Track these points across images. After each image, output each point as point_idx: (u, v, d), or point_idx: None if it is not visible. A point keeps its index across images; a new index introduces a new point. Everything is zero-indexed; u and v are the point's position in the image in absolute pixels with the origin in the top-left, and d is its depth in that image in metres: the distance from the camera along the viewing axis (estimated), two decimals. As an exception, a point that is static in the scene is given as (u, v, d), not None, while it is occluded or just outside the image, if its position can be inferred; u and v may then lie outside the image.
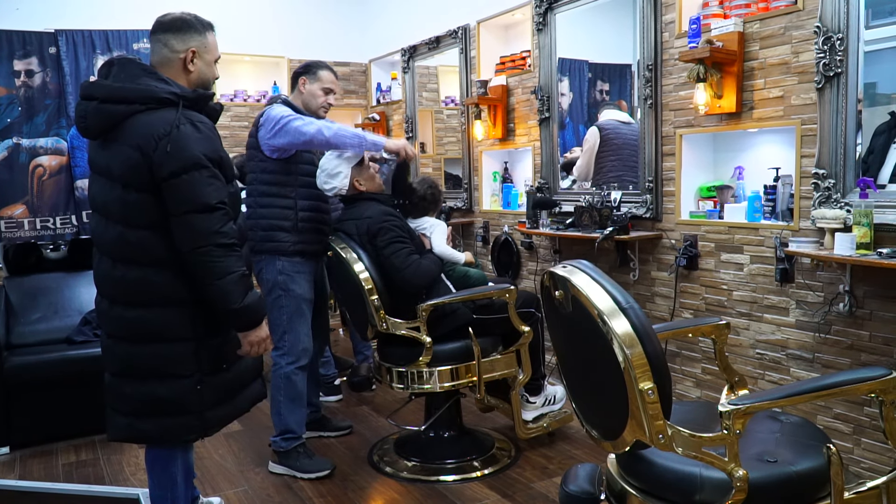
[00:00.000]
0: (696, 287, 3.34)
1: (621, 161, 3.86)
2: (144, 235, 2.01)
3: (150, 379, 2.07)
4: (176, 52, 2.10)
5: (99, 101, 1.98)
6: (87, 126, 2.02)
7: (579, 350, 1.74)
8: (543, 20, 4.10)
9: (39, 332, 3.71)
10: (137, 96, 1.97)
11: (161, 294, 2.04)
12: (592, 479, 1.71)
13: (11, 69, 4.78)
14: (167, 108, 1.99)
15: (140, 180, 1.96)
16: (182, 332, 2.07)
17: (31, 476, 3.15)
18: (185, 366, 2.08)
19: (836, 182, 2.67)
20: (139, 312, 2.05)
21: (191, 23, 2.13)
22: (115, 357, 2.11)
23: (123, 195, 1.99)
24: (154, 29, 2.12)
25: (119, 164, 1.97)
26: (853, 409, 2.72)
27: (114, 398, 2.14)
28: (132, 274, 2.03)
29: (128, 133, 1.96)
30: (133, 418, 2.11)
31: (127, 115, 1.97)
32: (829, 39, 2.61)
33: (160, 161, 1.94)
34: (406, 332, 2.92)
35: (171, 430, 2.12)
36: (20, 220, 4.85)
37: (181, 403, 2.09)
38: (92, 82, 2.04)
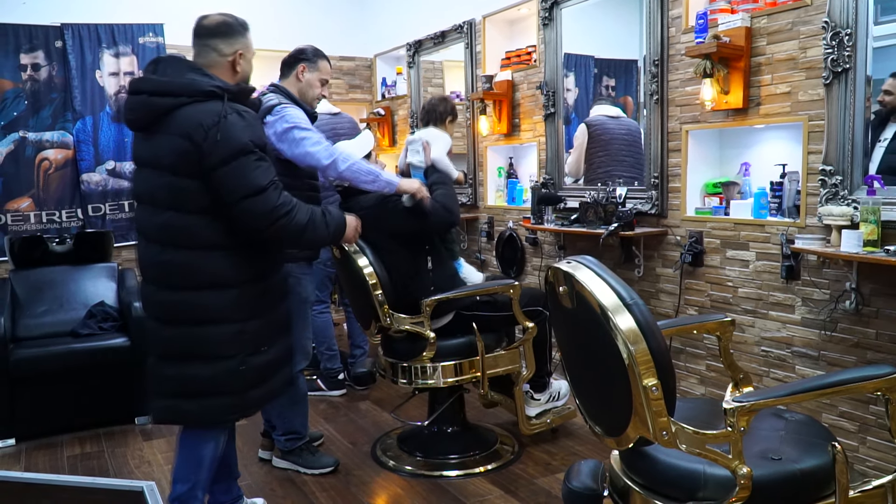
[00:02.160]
0: (701, 284, 3.33)
1: (609, 156, 3.85)
2: (193, 220, 2.11)
3: (194, 360, 2.16)
4: (224, 56, 2.22)
5: (147, 95, 2.08)
6: (135, 119, 2.13)
7: (583, 346, 1.73)
8: (549, 15, 4.09)
9: (45, 324, 3.73)
10: (183, 89, 2.07)
11: (207, 277, 2.14)
12: (596, 476, 1.71)
13: (18, 63, 4.79)
14: (212, 100, 2.09)
15: (189, 168, 2.06)
16: (226, 314, 2.16)
17: (36, 468, 3.17)
18: (228, 347, 2.17)
19: (843, 179, 2.65)
20: (184, 295, 2.14)
21: (234, 26, 2.25)
22: (160, 340, 2.21)
23: (172, 182, 2.08)
24: (200, 33, 2.23)
25: (169, 153, 2.07)
26: (859, 407, 2.71)
27: (156, 380, 2.23)
28: (179, 258, 2.12)
29: (176, 124, 2.06)
30: (176, 399, 2.19)
31: (174, 107, 2.06)
32: (838, 35, 2.59)
33: (210, 150, 2.04)
34: (410, 327, 2.92)
35: (212, 411, 2.20)
36: (26, 214, 4.87)
37: (224, 384, 2.18)
38: (140, 78, 2.17)
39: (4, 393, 3.36)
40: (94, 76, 4.99)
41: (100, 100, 5.02)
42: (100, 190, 5.06)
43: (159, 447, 3.38)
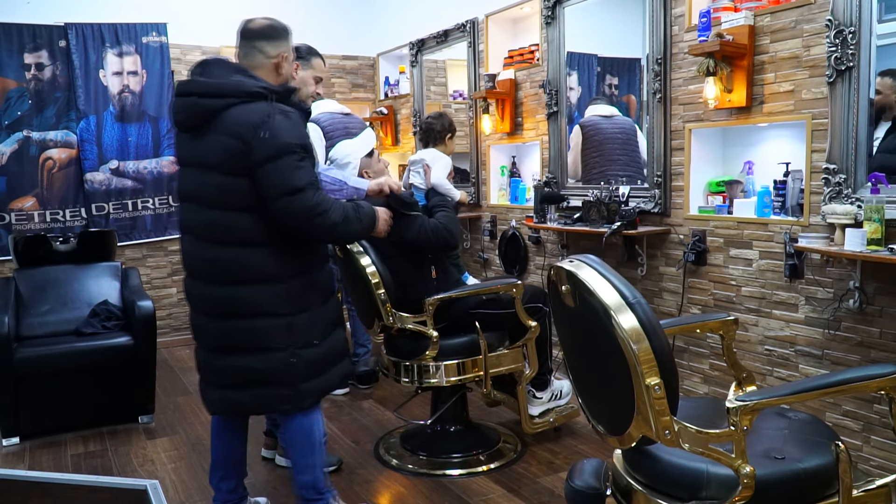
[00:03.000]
0: (704, 282, 3.33)
1: (603, 156, 3.86)
2: (241, 217, 2.18)
3: (244, 353, 2.24)
4: (270, 58, 2.29)
5: (197, 97, 2.15)
6: (185, 119, 2.20)
7: (586, 345, 1.73)
8: (552, 14, 4.08)
9: (49, 323, 3.73)
10: (232, 90, 2.15)
11: (255, 273, 2.21)
12: (598, 475, 1.71)
13: (22, 62, 4.81)
14: (259, 100, 2.15)
15: (238, 166, 2.13)
16: (274, 307, 2.23)
17: (40, 466, 3.18)
18: (278, 340, 2.24)
19: (846, 177, 2.64)
20: (233, 290, 2.21)
21: (280, 29, 2.33)
22: (210, 334, 2.30)
23: (221, 181, 2.16)
24: (247, 35, 2.30)
25: (218, 152, 2.14)
26: (862, 406, 2.71)
27: (209, 373, 2.34)
28: (228, 254, 2.20)
29: (225, 124, 2.12)
30: (229, 390, 2.29)
31: (223, 108, 2.13)
32: (841, 33, 2.59)
33: (257, 147, 2.10)
34: (412, 326, 2.92)
35: (265, 401, 2.30)
36: (30, 213, 4.88)
37: (275, 375, 2.25)
38: (188, 80, 2.22)
39: (8, 392, 3.36)
40: (97, 75, 5.00)
41: (103, 99, 5.03)
42: (103, 189, 5.08)
43: (162, 446, 3.39)
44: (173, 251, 5.39)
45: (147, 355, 3.61)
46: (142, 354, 3.60)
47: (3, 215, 4.81)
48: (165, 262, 5.38)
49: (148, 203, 5.24)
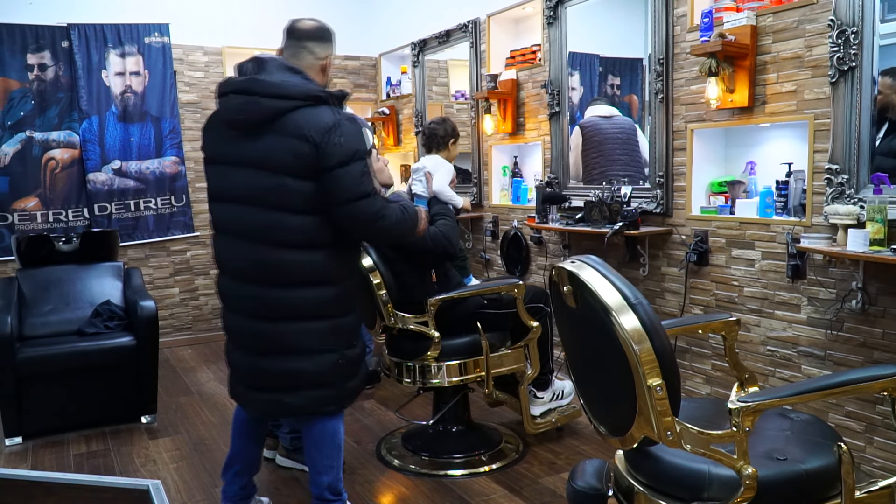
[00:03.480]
0: (706, 283, 3.32)
1: (603, 157, 3.86)
2: (306, 220, 2.18)
3: (296, 355, 2.25)
4: (319, 59, 2.31)
5: (259, 97, 2.12)
6: (244, 119, 2.15)
7: (588, 346, 1.73)
8: (554, 14, 4.08)
9: (51, 323, 3.74)
10: (298, 93, 2.13)
11: (313, 275, 2.22)
12: (600, 475, 1.71)
13: (25, 63, 4.81)
14: (321, 104, 2.16)
15: (305, 170, 2.12)
16: (327, 310, 2.26)
17: (42, 466, 3.18)
18: (328, 341, 2.28)
19: (849, 177, 2.64)
20: (290, 293, 2.21)
21: (327, 31, 2.35)
22: (259, 336, 2.26)
23: (286, 183, 2.14)
24: (297, 35, 2.31)
25: (285, 154, 2.12)
26: (865, 407, 2.70)
27: (254, 376, 2.32)
28: (290, 257, 2.19)
29: (290, 126, 2.11)
30: (279, 393, 2.28)
31: (289, 110, 2.12)
32: (844, 33, 2.58)
33: (330, 152, 2.11)
34: (414, 326, 2.92)
35: (317, 402, 2.30)
36: (33, 213, 4.89)
37: (325, 376, 2.28)
38: (250, 78, 2.16)
39: (11, 391, 3.37)
40: (100, 76, 5.01)
41: (106, 99, 5.04)
42: (106, 189, 5.08)
43: (165, 446, 3.39)
44: (175, 251, 5.40)
45: (149, 355, 3.62)
46: (144, 354, 3.60)
47: (6, 215, 4.81)
48: (168, 262, 5.38)
49: (150, 203, 5.25)
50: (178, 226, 5.37)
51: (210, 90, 5.43)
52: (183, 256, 5.44)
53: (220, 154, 2.25)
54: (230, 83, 2.20)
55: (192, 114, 5.39)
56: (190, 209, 5.38)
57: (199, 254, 5.47)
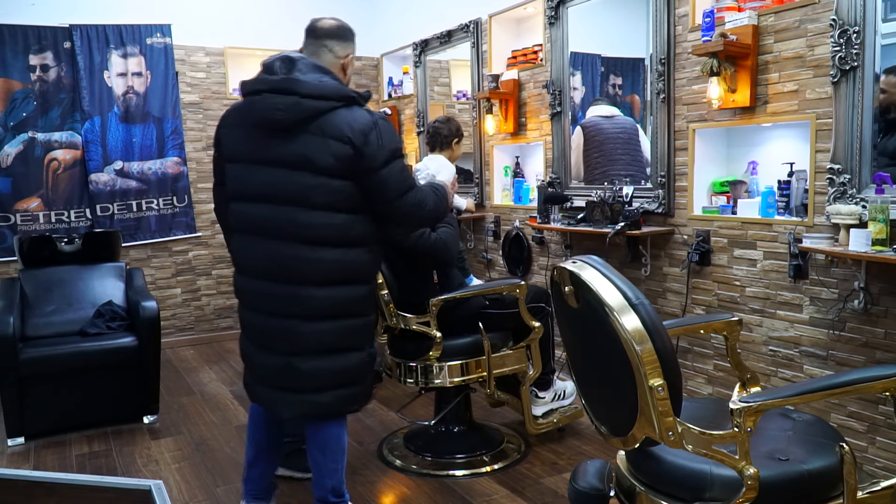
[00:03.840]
0: (708, 283, 3.32)
1: (605, 157, 3.86)
2: (347, 219, 2.21)
3: (331, 354, 2.25)
4: (339, 58, 2.32)
5: (300, 97, 2.11)
6: (284, 119, 2.13)
7: (589, 346, 1.73)
8: (555, 14, 4.08)
9: (53, 323, 3.74)
10: (336, 94, 2.15)
11: (353, 273, 2.26)
12: (602, 476, 1.71)
13: (27, 64, 4.82)
14: (353, 105, 2.19)
15: (346, 170, 2.15)
16: (362, 308, 2.31)
17: (44, 466, 3.19)
18: (361, 339, 2.32)
19: (851, 177, 2.63)
20: (332, 290, 2.22)
21: (348, 30, 2.36)
22: (299, 337, 2.23)
23: (328, 183, 2.15)
24: (318, 34, 2.31)
25: (326, 155, 2.13)
26: (867, 407, 2.70)
27: (289, 378, 2.27)
28: (331, 255, 2.20)
29: (330, 127, 2.13)
30: (312, 394, 2.27)
31: (327, 111, 2.13)
32: (846, 32, 2.58)
33: (373, 153, 2.15)
34: (416, 326, 2.92)
35: (345, 401, 2.32)
36: (35, 213, 4.90)
37: (356, 374, 2.32)
38: (289, 78, 2.14)
39: (13, 392, 3.37)
40: (102, 77, 5.02)
41: (108, 100, 5.05)
42: (108, 190, 5.09)
43: (167, 446, 3.39)
44: (177, 252, 5.40)
45: (151, 355, 3.62)
46: (146, 355, 3.61)
47: (9, 216, 4.82)
48: (170, 262, 5.39)
49: (152, 204, 5.25)
50: (180, 226, 5.37)
51: (212, 91, 5.44)
52: (185, 257, 5.44)
53: (247, 153, 2.23)
54: (266, 81, 2.17)
55: (193, 114, 5.39)
56: (192, 210, 5.38)
57: (200, 254, 5.48)
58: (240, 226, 2.31)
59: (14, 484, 1.44)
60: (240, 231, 2.32)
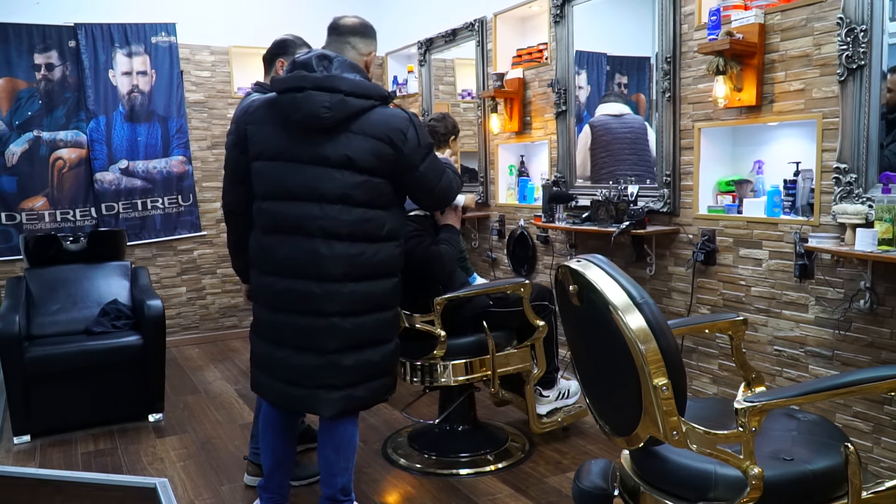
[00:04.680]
0: (713, 282, 3.31)
1: (612, 156, 3.85)
2: (383, 215, 2.27)
3: (368, 347, 2.30)
4: (362, 55, 2.37)
5: (345, 94, 2.14)
6: (330, 117, 2.15)
7: (593, 345, 1.73)
8: (561, 12, 4.07)
9: (59, 322, 3.76)
10: (375, 93, 2.21)
11: (388, 266, 2.32)
12: (606, 475, 1.71)
13: (32, 63, 4.84)
14: (386, 104, 2.25)
15: (386, 168, 2.22)
16: (392, 300, 2.37)
17: (50, 464, 3.20)
18: (391, 331, 2.39)
19: (857, 177, 2.62)
20: (369, 285, 2.27)
21: (371, 28, 2.42)
22: (342, 332, 2.24)
23: (368, 181, 2.21)
24: (341, 31, 2.36)
25: (367, 154, 2.18)
26: (873, 407, 2.69)
27: (330, 375, 2.27)
28: (371, 250, 2.26)
29: (371, 126, 2.18)
30: (350, 389, 2.29)
31: (367, 109, 2.18)
32: (853, 31, 2.57)
33: (412, 152, 2.24)
34: (420, 325, 2.92)
35: (377, 392, 2.37)
36: (41, 212, 4.91)
37: (387, 365, 2.38)
38: (333, 76, 2.16)
39: (19, 390, 3.39)
40: (107, 76, 5.03)
41: (113, 99, 5.06)
42: (113, 189, 5.10)
43: (172, 444, 3.40)
44: (182, 251, 5.42)
45: (156, 354, 3.63)
46: (151, 353, 3.62)
47: (14, 215, 4.84)
48: (175, 261, 5.40)
49: (157, 203, 5.27)
50: (185, 225, 5.38)
51: (217, 90, 5.45)
52: (190, 256, 5.46)
53: (284, 151, 2.22)
54: (308, 79, 2.15)
55: (198, 113, 5.40)
56: (197, 209, 5.39)
57: (205, 253, 5.49)
58: (270, 225, 2.28)
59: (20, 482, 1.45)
60: (269, 230, 2.28)
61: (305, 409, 2.37)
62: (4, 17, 4.74)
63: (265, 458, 2.48)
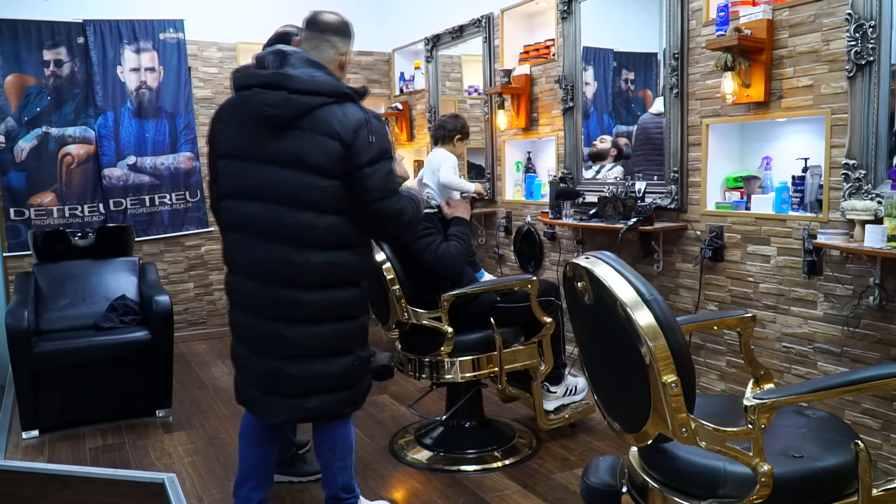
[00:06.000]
0: (721, 279, 3.30)
1: (644, 156, 3.83)
2: (335, 221, 2.14)
3: (319, 358, 2.21)
4: (340, 54, 2.26)
5: (289, 92, 2.06)
6: (276, 115, 2.08)
7: (602, 342, 1.72)
8: (568, 8, 4.06)
9: (67, 318, 3.78)
10: (328, 89, 2.10)
11: (342, 276, 2.20)
12: (614, 472, 1.70)
13: (41, 59, 4.85)
14: (347, 101, 2.13)
15: (336, 168, 2.09)
16: (350, 311, 2.25)
17: (59, 459, 3.21)
18: (349, 343, 2.26)
19: (866, 173, 2.61)
20: (318, 295, 2.17)
21: (349, 28, 2.30)
22: (285, 340, 2.18)
23: (317, 182, 2.10)
24: (320, 28, 2.25)
25: (316, 152, 2.08)
26: (882, 404, 2.68)
27: (278, 382, 2.22)
28: (318, 258, 2.14)
29: (321, 123, 2.08)
30: (300, 399, 2.23)
31: (318, 106, 2.08)
32: (862, 27, 2.55)
33: (361, 150, 2.09)
34: (428, 322, 2.92)
35: (333, 406, 2.28)
36: (49, 208, 4.93)
37: (346, 379, 2.26)
38: (279, 73, 2.09)
39: (28, 385, 3.40)
40: (115, 72, 5.04)
41: (121, 95, 5.07)
42: (121, 185, 5.12)
43: (180, 440, 3.42)
44: (190, 246, 5.43)
45: (164, 349, 3.64)
46: (159, 349, 3.63)
47: (23, 210, 4.86)
48: (182, 257, 5.42)
49: (165, 198, 5.28)
50: (193, 221, 5.40)
51: (225, 86, 5.45)
52: (197, 252, 5.47)
53: (242, 150, 2.18)
54: (255, 76, 2.12)
55: (206, 109, 5.41)
56: (204, 205, 5.41)
57: (213, 249, 5.50)
58: (232, 224, 2.26)
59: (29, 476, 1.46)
60: (231, 229, 2.26)
61: (256, 412, 2.32)
62: (14, 14, 4.76)
63: (238, 464, 2.44)
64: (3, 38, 4.73)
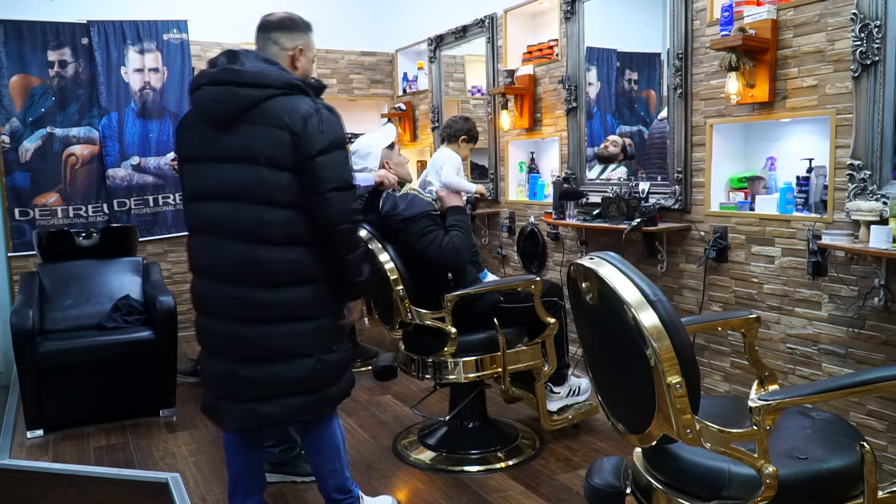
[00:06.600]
0: (725, 280, 3.29)
1: (649, 160, 3.83)
2: (287, 215, 2.08)
3: (276, 360, 2.13)
4: (285, 50, 2.22)
5: (235, 86, 2.03)
6: (222, 110, 2.06)
7: (606, 343, 1.72)
8: (571, 8, 4.06)
9: (71, 317, 3.78)
10: (274, 81, 2.05)
11: (296, 273, 2.12)
12: (618, 473, 1.70)
13: (45, 60, 4.87)
14: (297, 93, 2.08)
15: (286, 159, 2.03)
16: (306, 311, 2.15)
17: (63, 459, 3.21)
18: (307, 345, 2.16)
19: (871, 173, 2.60)
20: (272, 293, 2.10)
21: (297, 22, 2.25)
22: (239, 341, 2.13)
23: (266, 176, 2.04)
24: (263, 27, 2.24)
25: (263, 144, 2.03)
26: (887, 405, 2.67)
27: (233, 385, 2.16)
28: (270, 255, 2.08)
29: (269, 115, 2.03)
30: (255, 403, 2.15)
31: (264, 99, 2.04)
32: (867, 27, 2.54)
33: (311, 139, 2.03)
34: (431, 322, 2.92)
35: (291, 411, 2.19)
36: (53, 208, 4.95)
37: (304, 383, 2.17)
38: (225, 68, 2.07)
39: (32, 385, 3.41)
40: (119, 72, 5.05)
41: (125, 96, 5.08)
42: (125, 185, 5.13)
43: (183, 439, 3.42)
44: (194, 247, 5.43)
45: (168, 349, 3.65)
46: (163, 348, 3.63)
47: (28, 210, 4.87)
48: (186, 257, 5.41)
49: (169, 199, 5.29)
50: (197, 221, 5.40)
51: (227, 86, 5.45)
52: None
53: (198, 151, 2.15)
54: (204, 75, 2.10)
55: (209, 110, 5.41)
56: (208, 205, 5.41)
57: (216, 249, 5.50)
58: (191, 225, 2.23)
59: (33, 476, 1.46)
60: (192, 231, 2.23)
61: (213, 418, 2.28)
62: (18, 15, 4.77)
63: (227, 472, 2.41)
64: (8, 39, 4.75)
